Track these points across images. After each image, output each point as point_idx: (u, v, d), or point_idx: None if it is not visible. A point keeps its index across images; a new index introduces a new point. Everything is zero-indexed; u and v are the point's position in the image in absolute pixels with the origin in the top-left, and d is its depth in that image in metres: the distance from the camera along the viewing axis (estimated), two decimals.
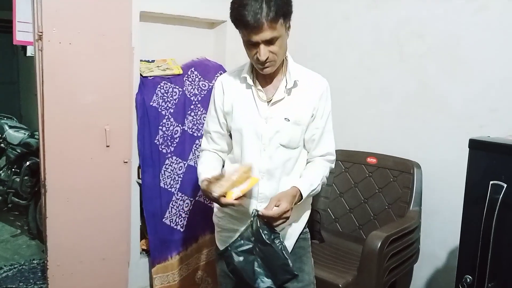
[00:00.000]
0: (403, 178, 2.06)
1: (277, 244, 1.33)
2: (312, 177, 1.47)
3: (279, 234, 1.36)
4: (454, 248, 2.04)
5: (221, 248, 1.55)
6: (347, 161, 2.27)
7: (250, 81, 1.46)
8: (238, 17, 1.29)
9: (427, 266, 2.14)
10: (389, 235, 1.72)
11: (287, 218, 1.35)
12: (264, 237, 1.32)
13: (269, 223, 1.34)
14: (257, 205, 1.44)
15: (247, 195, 1.43)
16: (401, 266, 1.88)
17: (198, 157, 1.59)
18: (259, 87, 1.46)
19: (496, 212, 1.15)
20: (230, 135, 1.54)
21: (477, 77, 1.94)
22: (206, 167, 1.50)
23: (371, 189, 2.17)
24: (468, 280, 1.24)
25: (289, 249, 1.49)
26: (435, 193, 2.08)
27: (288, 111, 1.44)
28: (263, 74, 1.44)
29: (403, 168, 2.06)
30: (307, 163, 1.54)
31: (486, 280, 1.18)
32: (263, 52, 1.32)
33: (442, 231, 2.07)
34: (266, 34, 1.29)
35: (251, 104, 1.46)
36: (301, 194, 1.40)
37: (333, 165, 1.56)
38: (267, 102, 1.45)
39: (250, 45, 1.34)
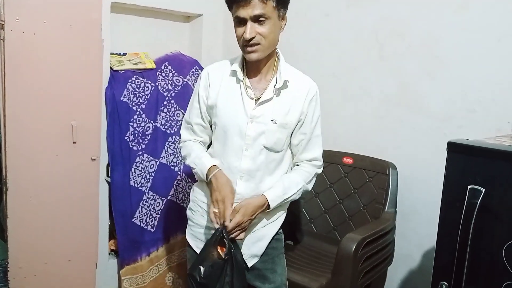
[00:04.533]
0: (379, 179, 2.02)
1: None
2: (287, 185, 1.42)
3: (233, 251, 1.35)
4: (429, 250, 2.02)
5: (191, 241, 1.52)
6: (323, 161, 2.22)
7: (240, 75, 1.39)
8: None
9: (402, 268, 2.12)
10: (364, 238, 1.68)
11: (244, 228, 1.35)
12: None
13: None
14: (233, 206, 1.38)
15: None
16: (376, 269, 1.85)
17: (181, 148, 1.54)
18: (248, 83, 1.39)
19: (474, 217, 1.12)
20: (211, 127, 1.48)
21: (456, 77, 1.92)
22: (205, 155, 1.44)
23: (347, 190, 2.13)
24: (444, 287, 1.20)
25: (262, 250, 1.45)
26: (412, 194, 2.06)
27: (275, 112, 1.38)
28: (253, 70, 1.39)
29: (379, 169, 2.03)
30: (293, 166, 1.49)
31: (463, 286, 1.15)
32: (250, 30, 1.27)
33: (418, 233, 2.05)
34: (255, 10, 1.25)
35: (238, 101, 1.39)
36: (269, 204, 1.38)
37: (320, 170, 1.52)
38: (255, 100, 1.38)
39: (238, 24, 1.29)
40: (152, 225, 2.56)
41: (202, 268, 1.32)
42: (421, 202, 2.03)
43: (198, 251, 1.48)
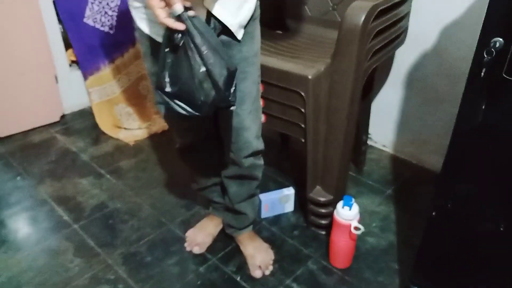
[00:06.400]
0: None
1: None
2: None
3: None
4: (446, 26, 1.64)
5: (145, 28, 1.08)
6: None
7: None
8: None
9: (412, 50, 1.77)
10: (376, 5, 1.26)
11: None
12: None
13: None
14: None
15: None
16: (385, 49, 1.49)
17: None
18: None
19: None
20: None
21: None
22: None
23: None
24: (498, 44, 0.85)
25: (248, 17, 1.08)
26: None
27: None
28: None
29: None
30: None
31: None
32: None
33: (434, 5, 1.63)
34: None
35: None
36: None
37: None
38: None
39: None
40: (110, 26, 2.11)
41: (166, 73, 0.94)
42: None
43: (159, 39, 1.09)
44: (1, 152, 2.10)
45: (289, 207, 1.74)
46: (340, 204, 1.39)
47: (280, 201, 1.71)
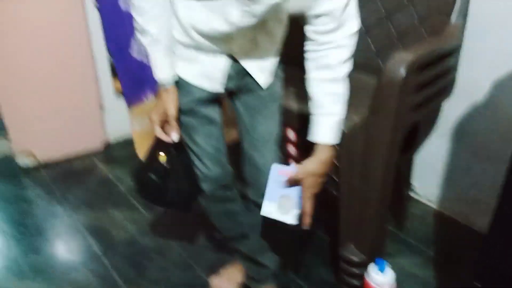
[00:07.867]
0: None
1: None
2: (333, 108, 1.08)
3: None
4: (501, 78, 1.52)
5: (181, 74, 1.13)
6: None
7: None
8: None
9: (461, 101, 1.65)
10: (419, 58, 1.19)
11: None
12: None
13: None
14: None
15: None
16: (429, 103, 1.39)
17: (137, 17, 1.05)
18: None
19: None
20: None
21: None
22: (162, 59, 1.07)
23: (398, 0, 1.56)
24: None
25: (273, 67, 1.17)
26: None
27: None
28: None
29: None
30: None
31: None
32: None
33: (489, 55, 1.52)
34: None
35: None
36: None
37: (355, 38, 1.09)
38: None
39: None
40: None
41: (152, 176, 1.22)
42: (500, 10, 1.45)
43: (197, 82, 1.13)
44: (44, 178, 2.18)
45: (291, 219, 1.56)
46: (372, 267, 1.29)
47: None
